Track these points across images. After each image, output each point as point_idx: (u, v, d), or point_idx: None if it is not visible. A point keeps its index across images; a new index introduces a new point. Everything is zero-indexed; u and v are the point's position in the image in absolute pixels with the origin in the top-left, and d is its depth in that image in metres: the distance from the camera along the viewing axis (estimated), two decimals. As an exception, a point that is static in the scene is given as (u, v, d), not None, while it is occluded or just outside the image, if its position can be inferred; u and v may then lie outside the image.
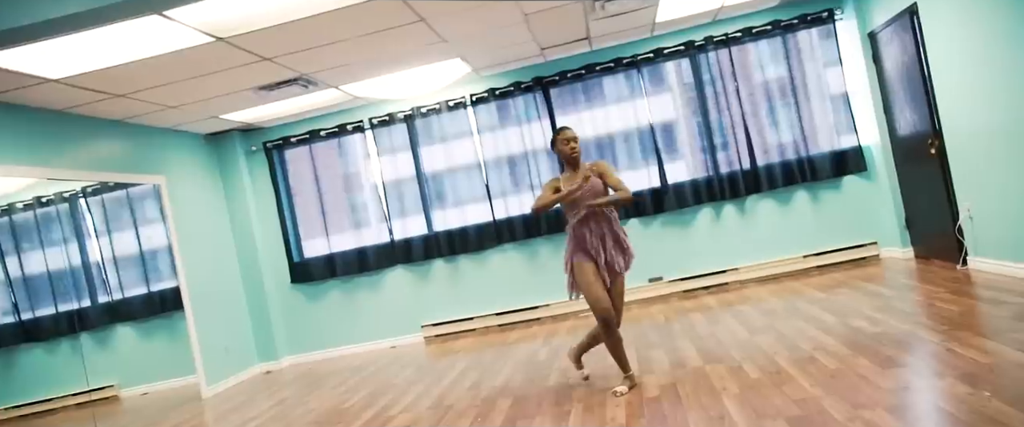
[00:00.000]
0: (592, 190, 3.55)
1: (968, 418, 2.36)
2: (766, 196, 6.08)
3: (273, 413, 4.67)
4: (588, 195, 3.54)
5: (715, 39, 6.05)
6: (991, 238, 4.48)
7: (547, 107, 6.34)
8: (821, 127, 5.99)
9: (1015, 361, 2.79)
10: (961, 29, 4.30)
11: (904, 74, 5.18)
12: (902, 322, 3.76)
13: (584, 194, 3.53)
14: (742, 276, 6.05)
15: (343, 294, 6.73)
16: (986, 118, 4.24)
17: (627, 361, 3.58)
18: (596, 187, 3.57)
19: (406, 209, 6.59)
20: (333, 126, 6.67)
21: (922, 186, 5.26)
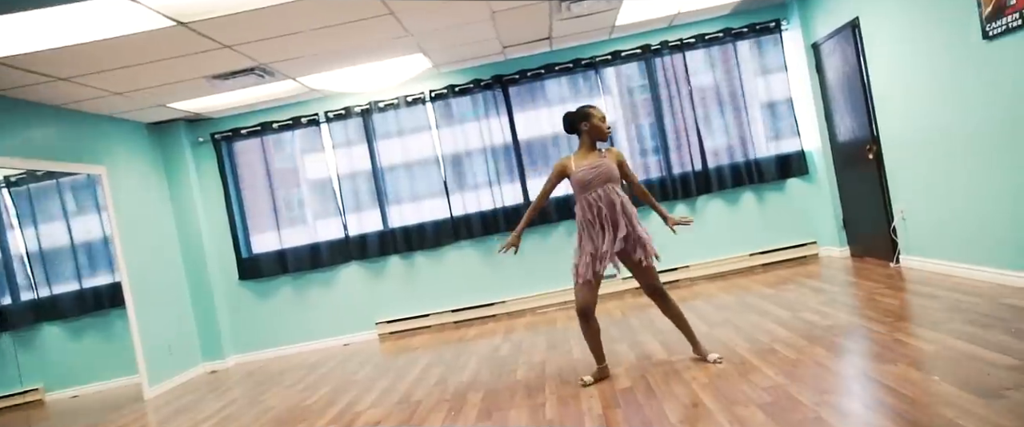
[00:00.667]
0: (606, 175, 3.50)
1: (922, 400, 2.55)
2: (715, 196, 6.34)
3: (228, 412, 4.53)
4: (600, 180, 3.49)
5: (670, 44, 6.26)
6: (922, 238, 4.83)
7: (506, 105, 6.39)
8: (767, 132, 6.28)
9: (956, 348, 3.03)
10: (899, 42, 4.62)
11: (845, 83, 5.51)
12: (850, 315, 4.01)
13: (598, 176, 3.49)
14: (693, 273, 6.28)
15: (294, 291, 6.58)
16: (920, 126, 4.56)
17: (602, 352, 3.63)
18: (610, 172, 3.51)
19: (361, 205, 6.50)
20: (286, 118, 6.51)
21: (859, 189, 5.60)
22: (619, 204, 3.49)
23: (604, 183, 3.50)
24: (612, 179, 3.52)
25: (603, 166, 3.51)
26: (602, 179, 3.50)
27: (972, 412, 2.36)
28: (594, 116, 3.60)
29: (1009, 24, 3.64)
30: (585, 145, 3.63)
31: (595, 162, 3.53)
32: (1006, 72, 3.71)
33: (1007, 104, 3.73)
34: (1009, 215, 3.86)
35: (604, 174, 3.50)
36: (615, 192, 3.51)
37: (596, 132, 3.61)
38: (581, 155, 3.61)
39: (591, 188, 3.50)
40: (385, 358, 5.43)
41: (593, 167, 3.51)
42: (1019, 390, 2.46)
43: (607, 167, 3.51)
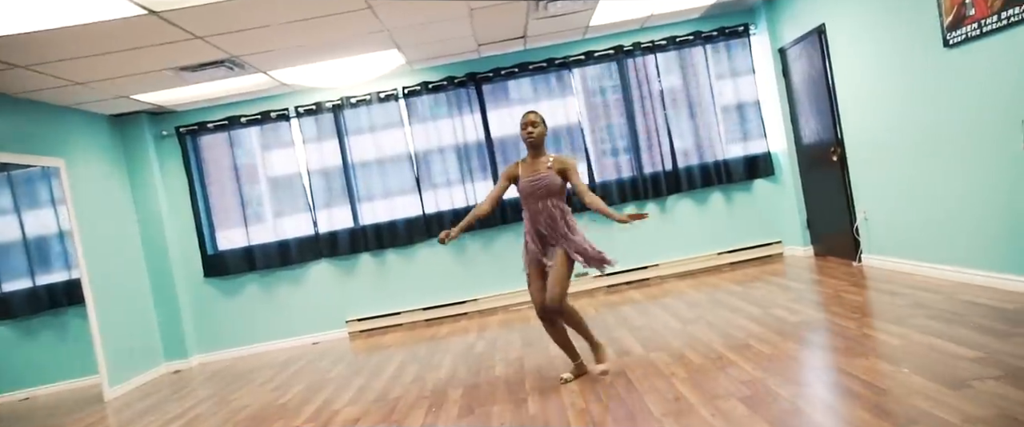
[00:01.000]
0: (546, 189, 3.44)
1: (894, 391, 2.66)
2: (685, 196, 6.46)
3: (198, 411, 4.43)
4: (540, 193, 3.45)
5: (642, 45, 6.35)
6: (883, 238, 5.02)
7: (479, 103, 6.39)
8: (735, 133, 6.43)
9: (922, 342, 3.16)
10: (864, 49, 4.79)
11: (811, 87, 5.68)
12: (818, 311, 4.14)
13: (537, 189, 3.46)
14: (662, 271, 6.38)
15: (262, 288, 6.45)
16: (884, 129, 4.74)
17: (574, 349, 3.66)
18: (550, 186, 3.44)
19: (332, 201, 6.42)
20: (255, 113, 6.39)
21: (823, 190, 5.78)
22: (559, 222, 3.45)
23: (544, 197, 3.43)
24: (553, 193, 3.45)
25: (544, 179, 3.44)
26: (542, 193, 3.44)
27: (942, 402, 2.47)
28: (521, 123, 3.55)
29: (968, 33, 3.82)
30: (530, 152, 3.56)
31: (537, 175, 3.46)
32: (965, 79, 3.88)
33: (967, 109, 3.91)
34: (969, 216, 4.04)
35: (544, 188, 3.43)
36: (557, 206, 3.45)
37: (523, 139, 3.56)
38: (528, 163, 3.56)
39: (532, 200, 3.46)
40: (358, 356, 5.37)
41: (533, 180, 3.45)
42: (984, 381, 2.58)
43: (548, 180, 3.44)
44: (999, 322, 3.25)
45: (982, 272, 3.98)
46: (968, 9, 3.79)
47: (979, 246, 3.99)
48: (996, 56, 3.64)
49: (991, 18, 3.64)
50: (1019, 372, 2.61)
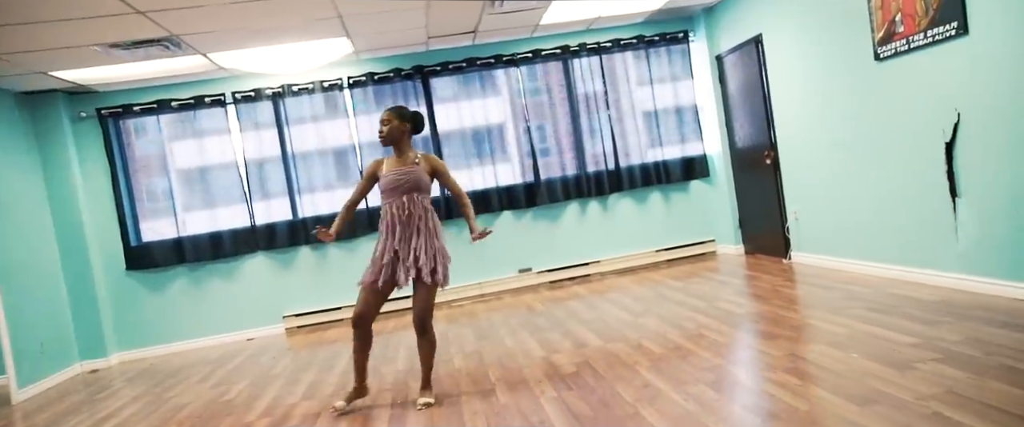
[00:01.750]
0: (412, 184, 3.31)
1: (848, 374, 2.86)
2: (626, 195, 6.65)
3: (134, 410, 4.15)
4: (404, 188, 3.31)
5: (588, 46, 6.50)
6: (813, 237, 5.37)
7: (426, 96, 6.33)
8: (674, 135, 6.68)
9: (863, 330, 3.42)
10: (799, 59, 5.11)
11: (746, 94, 6.00)
12: (761, 304, 4.39)
13: (402, 183, 3.31)
14: (603, 268, 6.55)
15: (191, 282, 6.12)
16: (816, 135, 5.08)
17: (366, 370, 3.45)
18: (418, 181, 3.32)
19: (270, 192, 6.18)
20: (187, 97, 6.06)
21: (756, 191, 6.11)
22: (419, 220, 3.32)
23: (409, 192, 3.30)
24: (419, 188, 3.33)
25: (411, 174, 3.32)
26: (407, 187, 3.30)
27: (894, 382, 2.68)
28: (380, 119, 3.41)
29: (897, 49, 4.16)
30: (394, 151, 3.42)
31: (403, 169, 3.33)
32: (894, 90, 4.23)
33: (894, 118, 4.26)
34: (892, 217, 4.40)
35: (410, 183, 3.31)
36: (421, 205, 3.32)
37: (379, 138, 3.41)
38: (393, 159, 3.40)
39: (394, 196, 3.31)
40: (302, 351, 5.20)
41: (400, 174, 3.32)
42: (926, 362, 2.83)
43: (415, 176, 3.32)
44: (925, 312, 3.56)
45: (904, 268, 4.34)
46: (897, 26, 4.13)
47: (901, 244, 4.35)
48: (921, 70, 3.99)
49: (918, 35, 3.98)
50: (953, 354, 2.87)
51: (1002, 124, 3.52)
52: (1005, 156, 3.53)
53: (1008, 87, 3.45)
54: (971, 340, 3.02)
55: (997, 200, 3.63)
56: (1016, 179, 3.49)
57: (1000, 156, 3.56)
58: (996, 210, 3.64)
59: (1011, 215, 3.55)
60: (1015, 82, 3.40)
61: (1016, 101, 3.41)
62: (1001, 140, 3.54)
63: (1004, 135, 3.52)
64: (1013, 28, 3.37)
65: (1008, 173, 3.53)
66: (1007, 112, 3.48)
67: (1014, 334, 3.01)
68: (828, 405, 2.56)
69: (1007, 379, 2.54)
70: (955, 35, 3.72)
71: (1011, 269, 3.58)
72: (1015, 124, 3.44)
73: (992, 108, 3.56)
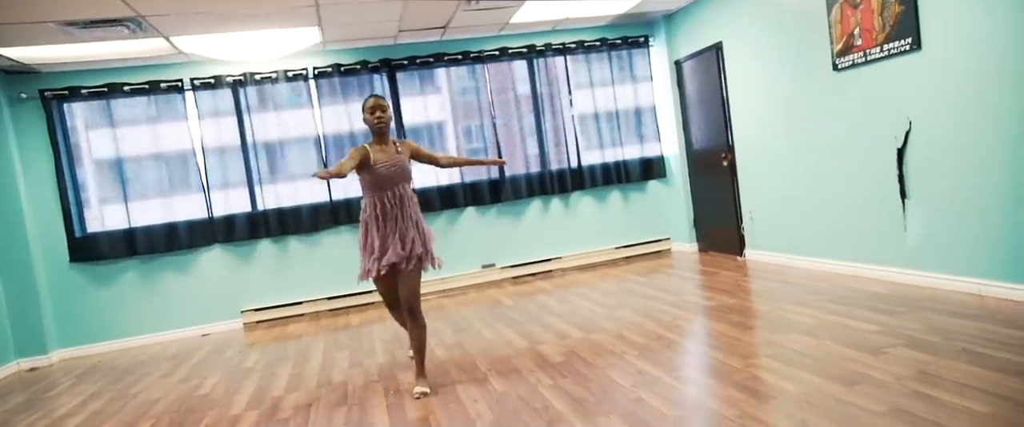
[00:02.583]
0: (402, 171, 3.36)
1: (826, 358, 3.09)
2: (587, 193, 6.83)
3: (96, 406, 3.96)
4: (399, 174, 3.35)
5: (553, 46, 6.63)
6: (766, 235, 5.69)
7: (392, 90, 6.30)
8: (633, 136, 6.91)
9: (830, 320, 3.68)
10: (759, 67, 5.41)
11: (705, 98, 6.28)
12: (728, 298, 4.62)
13: (395, 173, 3.34)
14: (565, 264, 6.70)
15: (142, 276, 5.86)
16: (773, 139, 5.39)
17: None
18: (406, 169, 3.39)
19: (229, 182, 5.99)
20: (142, 81, 5.80)
21: (712, 192, 6.41)
22: (409, 206, 3.39)
23: (401, 181, 3.37)
24: (407, 177, 3.41)
25: (401, 163, 3.38)
26: (399, 176, 3.36)
27: (868, 364, 2.92)
28: (365, 107, 3.39)
29: (855, 60, 4.49)
30: (375, 138, 3.39)
31: (392, 159, 3.35)
32: (850, 98, 4.55)
33: (850, 125, 4.58)
34: (848, 216, 4.74)
35: (401, 172, 3.38)
36: (409, 191, 3.40)
37: (367, 125, 3.40)
38: (378, 148, 3.37)
39: (389, 184, 3.34)
40: (269, 345, 5.07)
41: (392, 164, 3.34)
42: (895, 348, 3.09)
43: (404, 164, 3.40)
44: (882, 303, 3.86)
45: (857, 264, 4.68)
46: (856, 39, 4.45)
47: (854, 242, 4.69)
48: (877, 81, 4.32)
49: (875, 49, 4.31)
50: (917, 341, 3.15)
51: (949, 132, 3.87)
52: (950, 161, 3.88)
53: (955, 99, 3.80)
54: (929, 328, 3.31)
55: (943, 201, 3.98)
56: (960, 182, 3.84)
57: (946, 161, 3.91)
58: (942, 210, 3.99)
59: (955, 215, 3.90)
60: (962, 94, 3.75)
61: (962, 112, 3.76)
62: (948, 147, 3.89)
63: (951, 142, 3.87)
64: (961, 45, 3.71)
65: (953, 177, 3.88)
66: (954, 121, 3.82)
67: (966, 322, 3.33)
68: (817, 386, 2.76)
69: (970, 361, 2.81)
70: (909, 50, 4.05)
71: (955, 264, 3.94)
72: (960, 132, 3.79)
73: (941, 117, 3.91)
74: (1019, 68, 3.42)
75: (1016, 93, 3.45)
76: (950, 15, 3.76)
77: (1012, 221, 3.57)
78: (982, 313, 3.45)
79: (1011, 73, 3.46)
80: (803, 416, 2.49)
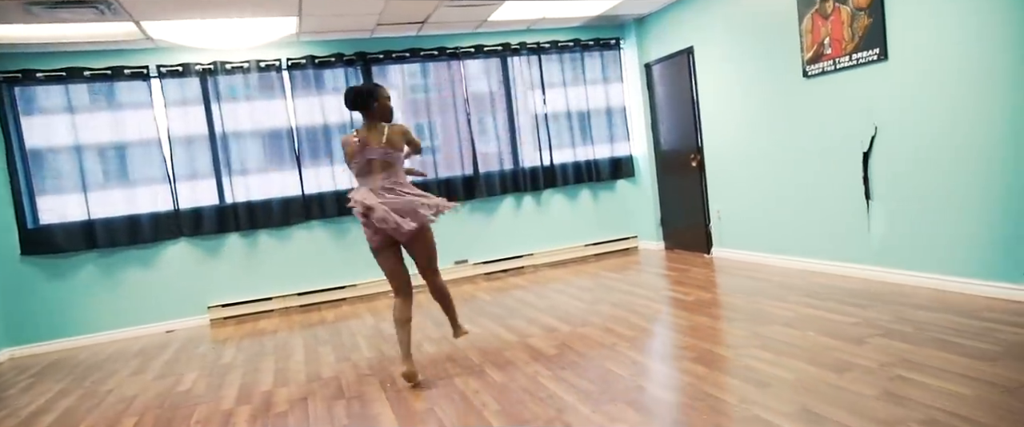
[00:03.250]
0: (395, 155, 3.41)
1: (811, 348, 3.26)
2: (559, 191, 6.93)
3: (69, 405, 3.79)
4: (391, 158, 3.39)
5: (528, 45, 6.70)
6: (733, 233, 5.92)
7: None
8: (604, 136, 7.05)
9: (807, 313, 3.87)
10: (730, 73, 5.62)
11: (675, 100, 6.47)
12: (705, 293, 4.79)
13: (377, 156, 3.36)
14: (536, 261, 6.78)
15: (101, 270, 5.62)
16: (742, 142, 5.61)
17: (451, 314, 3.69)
18: (398, 152, 3.43)
19: (197, 174, 5.81)
20: (103, 67, 5.56)
21: (680, 191, 6.61)
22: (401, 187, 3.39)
23: (394, 164, 3.41)
24: (394, 158, 3.42)
25: (393, 149, 3.41)
26: (392, 158, 3.40)
27: (852, 352, 3.11)
28: (383, 95, 3.43)
29: (824, 68, 4.73)
30: (373, 124, 3.41)
31: (385, 147, 3.38)
32: (819, 105, 4.79)
33: (819, 129, 4.83)
34: (814, 216, 4.98)
35: (394, 156, 3.41)
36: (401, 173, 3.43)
37: (383, 112, 3.42)
38: (368, 134, 3.39)
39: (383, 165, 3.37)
40: (244, 341, 4.95)
41: (385, 153, 3.37)
42: (874, 338, 3.29)
43: (396, 148, 3.43)
44: (853, 297, 4.09)
45: (823, 261, 4.93)
46: (826, 48, 4.69)
47: (821, 241, 4.94)
48: (845, 88, 4.56)
49: (844, 58, 4.56)
50: (892, 331, 3.36)
51: (911, 138, 4.13)
52: (913, 165, 4.15)
53: (918, 107, 4.06)
54: (900, 320, 3.54)
55: (905, 202, 4.24)
56: (921, 184, 4.11)
57: (908, 165, 4.17)
58: (903, 211, 4.26)
59: (916, 215, 4.17)
60: (924, 103, 4.01)
61: (924, 119, 4.02)
62: (910, 151, 4.15)
63: (912, 147, 4.13)
64: (925, 57, 3.97)
65: (914, 179, 4.15)
66: (916, 128, 4.09)
67: (932, 314, 3.57)
68: (809, 374, 2.92)
69: (944, 348, 3.03)
70: (876, 60, 4.30)
71: (916, 261, 4.21)
72: (922, 139, 4.06)
73: (904, 124, 4.17)
74: (977, 80, 3.68)
75: (974, 103, 3.72)
76: (915, 29, 4.02)
77: (969, 221, 3.85)
78: (944, 306, 3.70)
79: (970, 84, 3.73)
80: (802, 401, 2.63)
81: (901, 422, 2.35)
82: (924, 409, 2.43)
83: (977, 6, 3.66)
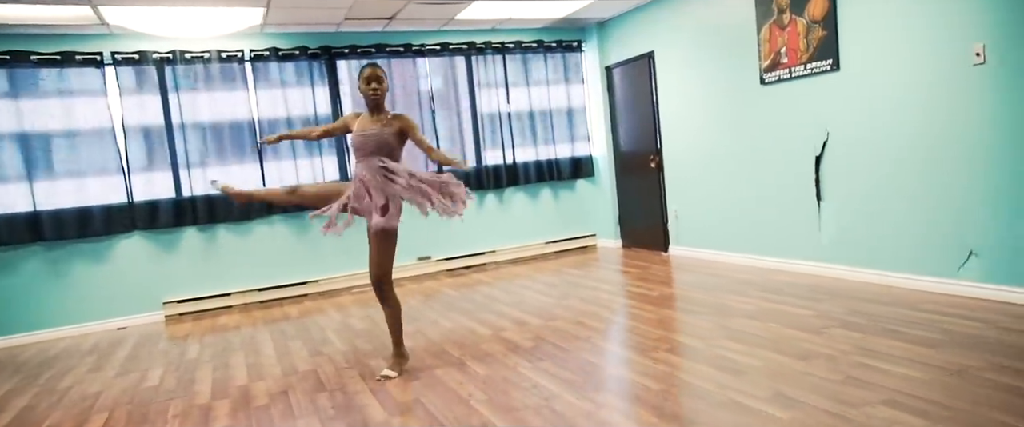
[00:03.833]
0: (376, 144, 3.29)
1: (776, 338, 3.46)
2: (520, 189, 7.03)
3: (26, 402, 3.63)
4: (371, 146, 3.29)
5: (492, 45, 6.78)
6: (690, 232, 6.16)
7: (331, 78, 6.19)
8: (565, 136, 7.20)
9: (768, 307, 4.09)
10: (690, 78, 5.86)
11: (635, 103, 6.68)
12: (667, 288, 4.98)
13: (367, 143, 3.30)
14: (498, 258, 6.86)
15: (47, 264, 5.38)
16: (701, 144, 5.85)
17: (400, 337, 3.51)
18: (383, 142, 3.30)
19: (154, 165, 5.64)
20: (53, 52, 5.33)
21: (639, 191, 6.82)
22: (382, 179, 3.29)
23: (373, 153, 3.30)
24: (385, 149, 3.30)
25: (378, 135, 3.30)
26: (371, 147, 3.30)
27: (812, 340, 3.32)
28: (361, 78, 3.36)
29: (780, 76, 5.00)
30: (370, 109, 3.40)
31: (372, 129, 3.32)
32: (775, 111, 5.06)
33: (774, 133, 5.09)
34: (769, 215, 5.25)
35: (374, 143, 3.29)
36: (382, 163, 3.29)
37: (362, 94, 3.38)
38: (365, 117, 3.41)
39: (360, 154, 3.32)
40: (207, 337, 4.83)
41: (367, 134, 3.31)
42: (831, 329, 3.52)
43: (382, 136, 3.30)
44: (807, 292, 4.35)
45: (776, 259, 5.20)
46: (782, 57, 4.96)
47: (774, 239, 5.21)
48: (800, 96, 4.84)
49: (799, 67, 4.83)
50: (847, 322, 3.61)
51: (860, 144, 4.43)
52: (861, 169, 4.44)
53: (867, 115, 4.36)
54: (853, 312, 3.80)
55: (853, 203, 4.54)
56: (868, 187, 4.41)
57: (857, 169, 4.47)
58: (852, 211, 4.55)
59: (863, 216, 4.47)
60: (873, 111, 4.31)
61: (873, 125, 4.32)
62: (858, 156, 4.45)
63: (861, 152, 4.43)
64: (874, 69, 4.27)
65: (863, 182, 4.45)
66: (865, 134, 4.38)
67: (882, 308, 3.84)
68: (777, 361, 3.11)
69: (895, 337, 3.28)
70: (830, 70, 4.59)
71: (863, 258, 4.51)
72: (870, 144, 4.35)
73: (854, 130, 4.46)
74: (919, 91, 3.99)
75: (917, 112, 4.03)
76: (866, 43, 4.31)
77: (912, 221, 4.16)
78: (891, 299, 3.99)
79: (913, 95, 4.04)
80: (775, 386, 2.81)
81: (867, 403, 2.54)
82: (885, 391, 2.65)
83: (922, 23, 3.96)
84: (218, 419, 3.09)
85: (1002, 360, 2.86)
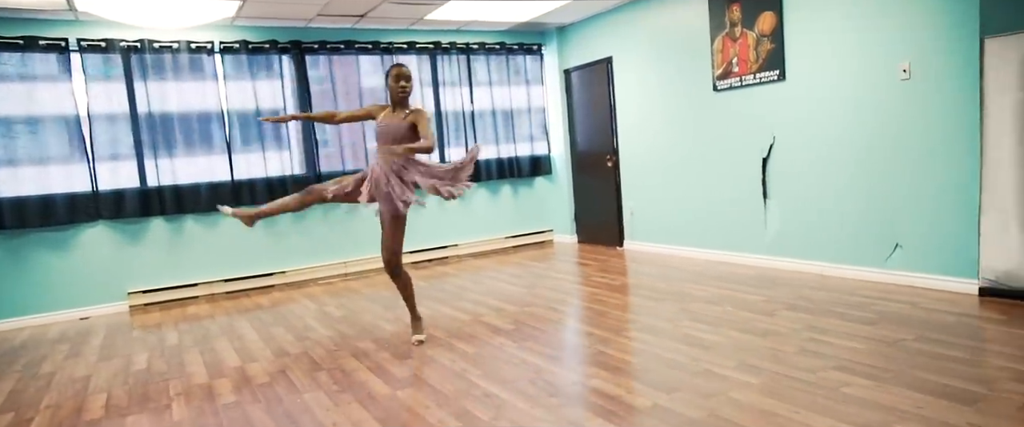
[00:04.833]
0: (391, 135, 3.62)
1: (734, 319, 3.85)
2: (482, 185, 7.29)
3: (10, 387, 3.62)
4: (391, 136, 3.62)
5: (457, 45, 7.01)
6: (644, 228, 6.57)
7: (299, 73, 6.27)
8: (525, 135, 7.50)
9: (722, 293, 4.50)
10: (646, 82, 6.27)
11: (593, 105, 7.05)
12: (627, 278, 5.35)
13: (385, 133, 3.64)
14: (461, 251, 7.09)
15: (7, 253, 5.27)
16: (655, 146, 6.27)
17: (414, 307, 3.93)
18: (396, 133, 3.62)
19: (120, 155, 5.58)
20: (15, 36, 5.22)
21: (595, 189, 7.19)
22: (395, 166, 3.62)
23: (387, 142, 3.63)
24: (398, 139, 3.62)
25: (397, 127, 3.63)
26: (387, 139, 3.64)
27: (768, 322, 3.73)
28: (391, 74, 3.69)
29: (732, 84, 5.46)
30: (394, 102, 3.73)
31: (394, 122, 3.65)
32: (726, 116, 5.52)
33: (725, 137, 5.55)
34: (718, 212, 5.70)
35: (393, 134, 3.63)
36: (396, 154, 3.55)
37: (390, 91, 3.71)
38: (389, 110, 3.74)
39: (380, 143, 3.67)
40: (181, 324, 4.86)
41: (389, 126, 3.64)
42: (780, 312, 3.94)
43: (400, 129, 3.63)
44: (755, 281, 4.80)
45: (725, 252, 5.66)
46: (734, 67, 5.42)
47: (724, 234, 5.67)
48: (749, 103, 5.31)
49: (749, 76, 5.30)
50: (794, 306, 4.05)
51: (802, 147, 4.92)
52: (803, 170, 4.94)
53: (808, 121, 4.85)
54: (798, 297, 4.25)
55: (795, 201, 5.03)
56: (809, 187, 4.90)
57: (799, 170, 4.96)
58: (794, 209, 5.05)
59: (804, 213, 4.97)
60: (814, 118, 4.80)
61: (813, 131, 4.81)
62: (801, 158, 4.94)
63: (803, 155, 4.92)
64: (817, 81, 4.76)
65: (804, 182, 4.94)
66: (807, 139, 4.88)
67: (822, 293, 4.31)
68: (739, 338, 3.50)
69: (837, 317, 3.73)
70: (776, 79, 5.07)
71: (803, 251, 5.01)
72: (811, 147, 4.85)
73: (797, 135, 4.95)
74: (856, 101, 4.50)
75: (852, 119, 4.53)
76: (810, 57, 4.80)
77: (846, 218, 4.67)
78: (829, 286, 4.47)
79: (850, 104, 4.54)
80: (741, 358, 3.19)
81: (822, 369, 2.95)
82: (835, 359, 3.06)
83: (857, 40, 4.46)
84: (223, 395, 3.22)
85: (928, 333, 3.33)
